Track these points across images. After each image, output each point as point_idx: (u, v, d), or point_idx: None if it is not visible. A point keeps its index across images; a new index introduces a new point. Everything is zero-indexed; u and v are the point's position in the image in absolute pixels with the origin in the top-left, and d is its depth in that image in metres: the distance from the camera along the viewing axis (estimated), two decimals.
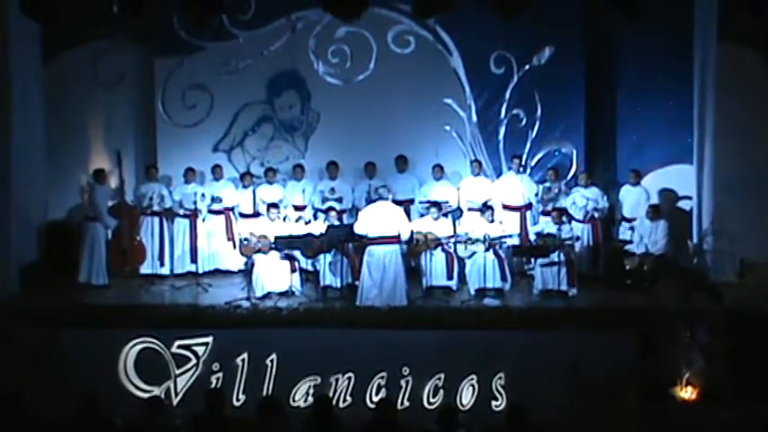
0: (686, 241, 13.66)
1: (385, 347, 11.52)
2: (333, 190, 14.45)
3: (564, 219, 13.35)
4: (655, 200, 14.01)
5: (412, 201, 14.58)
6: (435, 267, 13.16)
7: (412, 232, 12.97)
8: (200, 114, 15.02)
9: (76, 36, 14.36)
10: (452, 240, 13.25)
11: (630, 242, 13.51)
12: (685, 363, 11.20)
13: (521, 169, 14.54)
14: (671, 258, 13.31)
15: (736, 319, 11.38)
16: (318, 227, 13.25)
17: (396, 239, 12.52)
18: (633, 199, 14.07)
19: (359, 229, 12.59)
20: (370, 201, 13.60)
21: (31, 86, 13.71)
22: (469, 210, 14.25)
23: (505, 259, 13.21)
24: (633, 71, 14.38)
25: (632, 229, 13.66)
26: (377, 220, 12.53)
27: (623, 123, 14.60)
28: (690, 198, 14.01)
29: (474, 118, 14.93)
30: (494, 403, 11.45)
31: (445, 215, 13.82)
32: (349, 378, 11.49)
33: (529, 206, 14.39)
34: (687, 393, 11.20)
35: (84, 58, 14.63)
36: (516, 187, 14.37)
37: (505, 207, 14.32)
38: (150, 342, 11.69)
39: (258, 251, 13.10)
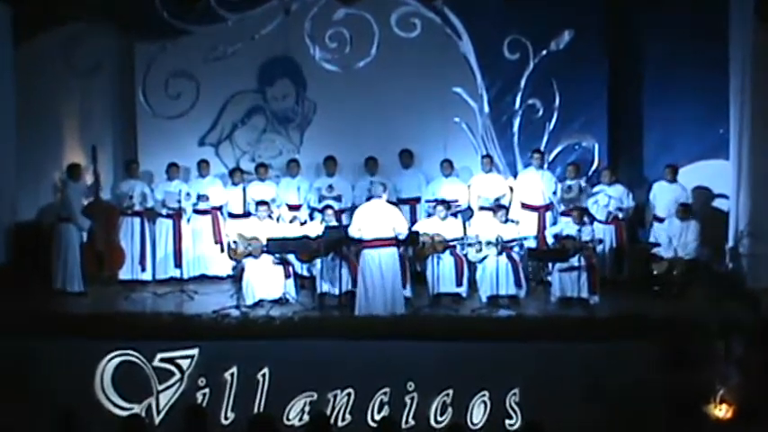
0: (721, 244, 13.62)
1: (388, 361, 11.45)
2: (330, 187, 14.45)
3: (585, 219, 13.32)
4: (686, 199, 13.95)
5: (418, 199, 14.59)
6: (443, 272, 13.14)
7: (412, 231, 12.91)
8: (185, 105, 15.03)
9: (49, 19, 14.33)
10: (462, 243, 13.21)
11: (659, 245, 13.46)
12: (719, 377, 11.13)
13: (542, 165, 14.51)
14: (703, 263, 13.28)
15: None
16: (315, 228, 13.21)
17: (392, 241, 12.45)
18: (669, 197, 13.98)
19: (352, 231, 12.54)
20: (371, 199, 13.55)
21: (2, 74, 13.67)
22: (481, 209, 14.23)
23: (520, 264, 13.21)
24: (660, 57, 14.35)
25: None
26: (370, 220, 12.46)
27: (650, 115, 14.58)
28: (725, 197, 14.02)
29: (486, 109, 14.92)
30: (507, 422, 11.38)
31: (454, 215, 13.82)
32: (348, 394, 11.43)
33: (549, 206, 14.35)
34: (721, 411, 11.12)
35: (57, 43, 14.61)
36: (537, 185, 14.35)
37: (524, 206, 14.30)
38: (130, 355, 11.62)
39: (249, 255, 13.06)
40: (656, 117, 14.52)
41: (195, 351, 11.61)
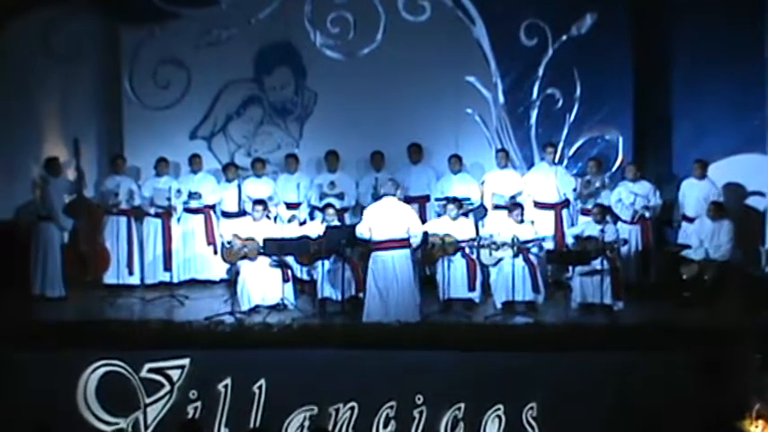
0: (756, 245, 13.57)
1: (394, 372, 11.44)
2: (332, 184, 14.43)
3: (607, 218, 13.29)
4: (718, 196, 13.90)
5: (427, 197, 14.56)
6: (454, 276, 13.11)
7: (426, 234, 12.88)
8: (175, 95, 15.02)
9: (26, 0, 14.30)
10: (474, 244, 13.18)
11: (689, 247, 13.42)
12: (755, 391, 11.10)
13: (556, 160, 14.46)
14: (737, 266, 13.23)
15: None
16: (315, 228, 13.20)
17: (405, 243, 12.43)
18: (698, 195, 13.94)
19: (361, 231, 12.51)
20: (376, 197, 13.53)
21: None
22: (495, 208, 14.19)
23: (538, 267, 13.17)
24: (691, 42, 14.32)
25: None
26: (382, 220, 12.44)
27: (679, 105, 14.54)
28: (762, 194, 14.02)
29: (501, 99, 14.92)
30: None
31: (466, 214, 13.77)
32: (351, 408, 11.42)
33: (566, 203, 14.32)
34: (758, 428, 11.09)
35: (36, 28, 14.58)
36: (550, 181, 14.32)
37: (537, 205, 14.30)
38: (115, 365, 11.61)
39: (244, 257, 13.03)
40: (685, 108, 14.47)
41: (186, 361, 11.60)
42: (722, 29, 14.03)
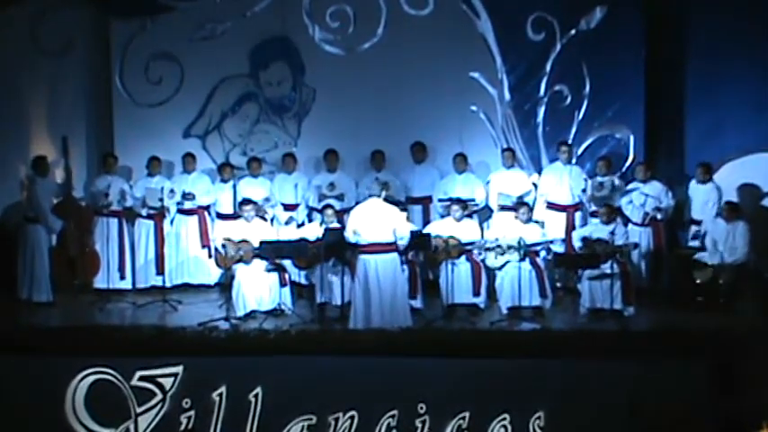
0: None
1: (396, 380, 11.39)
2: (332, 185, 14.44)
3: (617, 219, 13.27)
4: (733, 197, 13.90)
5: (432, 198, 14.54)
6: (458, 280, 13.15)
7: (423, 233, 12.86)
8: (168, 91, 15.03)
9: None
10: (480, 247, 13.16)
11: (702, 249, 13.41)
12: None
13: (570, 160, 14.45)
14: (753, 269, 13.22)
15: None
16: (314, 230, 13.20)
17: (391, 246, 12.38)
18: (703, 199, 14.00)
19: (347, 234, 12.48)
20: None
21: None
22: (501, 209, 14.17)
23: (545, 271, 13.18)
24: (705, 37, 14.31)
25: (696, 237, 13.57)
26: (366, 222, 12.39)
27: (693, 102, 14.54)
28: None
29: (506, 96, 14.92)
30: None
31: (470, 216, 13.74)
32: (351, 417, 11.39)
33: (579, 206, 14.30)
34: None
35: (23, 20, 14.58)
36: (564, 182, 14.33)
37: (550, 206, 14.30)
38: (105, 373, 11.58)
39: (239, 260, 13.02)
40: (699, 105, 14.47)
41: (179, 368, 11.56)
42: (737, 25, 14.02)
